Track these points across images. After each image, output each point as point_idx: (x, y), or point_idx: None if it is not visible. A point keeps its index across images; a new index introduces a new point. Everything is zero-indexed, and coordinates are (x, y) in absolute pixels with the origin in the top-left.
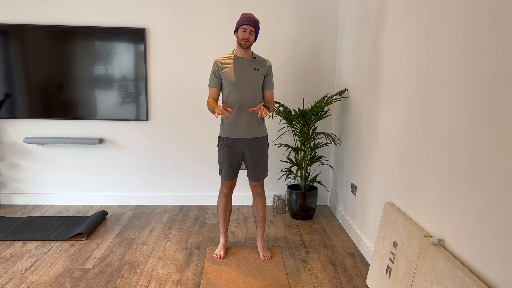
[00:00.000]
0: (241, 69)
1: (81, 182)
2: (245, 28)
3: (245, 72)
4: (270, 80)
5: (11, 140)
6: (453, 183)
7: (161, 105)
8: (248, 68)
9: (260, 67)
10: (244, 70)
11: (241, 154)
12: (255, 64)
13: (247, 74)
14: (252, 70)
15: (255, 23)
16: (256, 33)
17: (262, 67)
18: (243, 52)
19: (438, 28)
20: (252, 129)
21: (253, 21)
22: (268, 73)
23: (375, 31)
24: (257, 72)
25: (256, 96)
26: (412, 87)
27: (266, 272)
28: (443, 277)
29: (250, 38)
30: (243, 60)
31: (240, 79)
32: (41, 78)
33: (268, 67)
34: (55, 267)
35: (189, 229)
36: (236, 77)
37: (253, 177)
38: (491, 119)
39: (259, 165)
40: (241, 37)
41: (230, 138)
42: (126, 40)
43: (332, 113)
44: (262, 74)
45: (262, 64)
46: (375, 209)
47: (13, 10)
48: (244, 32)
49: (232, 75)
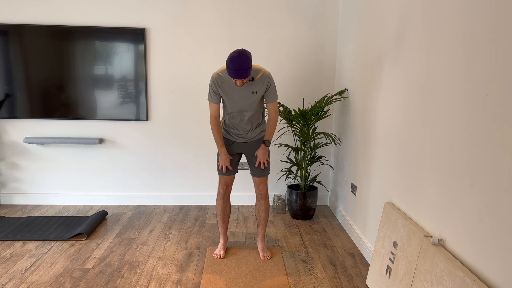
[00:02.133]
0: (238, 94)
1: (81, 182)
2: (235, 81)
3: (243, 96)
4: (270, 93)
5: (11, 140)
6: (453, 183)
7: (161, 105)
8: (246, 93)
9: (258, 89)
10: (242, 95)
11: (239, 154)
12: (253, 87)
13: (245, 98)
14: (250, 94)
15: (245, 74)
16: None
17: (260, 87)
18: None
19: (438, 28)
20: (251, 136)
21: (242, 73)
22: (267, 88)
23: (375, 31)
24: (255, 94)
25: (257, 111)
26: (412, 87)
27: (266, 272)
28: (443, 277)
29: (245, 80)
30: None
31: (238, 104)
32: (41, 78)
33: (266, 83)
34: (55, 267)
35: (189, 229)
36: (234, 103)
37: (257, 173)
38: (491, 119)
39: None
40: (234, 82)
41: (229, 140)
42: (126, 40)
43: (332, 113)
44: (261, 93)
45: (260, 84)
46: (375, 209)
47: (13, 10)
48: (235, 81)
49: (230, 101)
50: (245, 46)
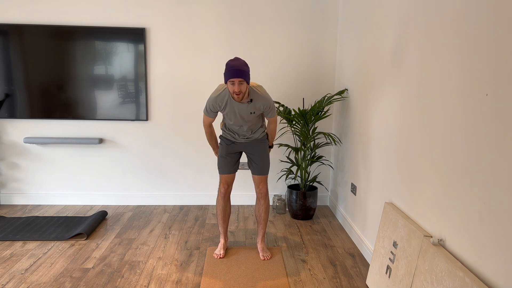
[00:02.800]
0: (237, 113)
1: (81, 182)
2: (233, 81)
3: (241, 115)
4: (269, 113)
5: (11, 140)
6: (453, 183)
7: (161, 105)
8: (244, 112)
9: (256, 109)
10: (240, 114)
11: (239, 153)
12: (251, 108)
13: (244, 116)
14: (249, 114)
15: (242, 73)
16: (246, 79)
17: (258, 109)
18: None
19: (438, 28)
20: (250, 135)
21: (239, 71)
22: (265, 109)
23: (375, 31)
24: (253, 114)
25: (256, 123)
26: (412, 87)
27: (266, 272)
28: (443, 277)
29: (242, 89)
30: (239, 105)
31: (237, 121)
32: (41, 78)
33: (264, 106)
34: (55, 267)
35: (189, 229)
36: (233, 119)
37: (257, 171)
38: (491, 119)
39: (261, 159)
40: (232, 91)
41: (230, 139)
42: (126, 40)
43: (332, 113)
44: (259, 113)
45: (258, 105)
46: (375, 209)
47: (13, 10)
48: (233, 85)
49: (229, 117)
50: (245, 45)
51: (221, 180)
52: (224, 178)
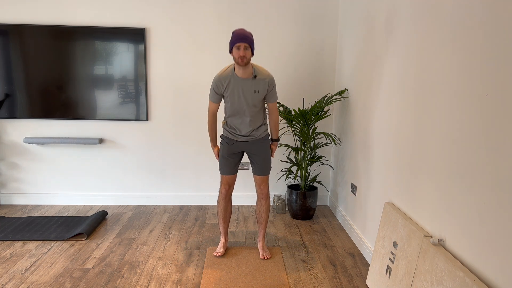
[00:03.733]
0: (240, 93)
1: (81, 182)
2: (238, 46)
3: (245, 95)
4: (272, 94)
5: (11, 140)
6: (453, 183)
7: (161, 105)
8: (248, 91)
9: (260, 88)
10: (244, 93)
11: (241, 153)
12: (255, 85)
13: (247, 97)
14: (252, 93)
15: (248, 38)
16: (251, 48)
17: (262, 87)
18: (243, 71)
19: (438, 28)
20: (252, 133)
21: (245, 36)
22: (269, 89)
23: (375, 31)
24: (257, 94)
25: (258, 110)
26: (412, 87)
27: (266, 272)
28: (443, 277)
29: (246, 54)
30: (243, 81)
31: (239, 104)
32: (41, 78)
33: (268, 84)
34: (55, 267)
35: (189, 229)
36: (236, 102)
37: (259, 171)
38: (491, 119)
39: (263, 159)
40: (237, 55)
41: (231, 139)
42: (126, 40)
43: (332, 113)
44: (262, 93)
45: (262, 83)
46: (375, 209)
47: (13, 10)
48: (238, 50)
49: (232, 99)
50: None
51: (222, 181)
52: (225, 179)
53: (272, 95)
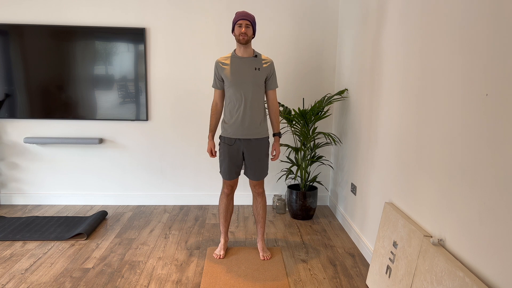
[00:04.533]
0: (240, 68)
1: (81, 182)
2: (240, 24)
3: (244, 71)
4: (272, 79)
5: (11, 140)
6: (453, 183)
7: (161, 105)
8: (247, 67)
9: (260, 66)
10: (243, 69)
11: (242, 154)
12: (255, 63)
13: (247, 73)
14: (253, 70)
15: (249, 16)
16: (253, 27)
17: (263, 66)
18: (243, 50)
19: (438, 28)
20: (253, 129)
21: (246, 14)
22: (270, 72)
23: (375, 31)
24: (257, 71)
25: (258, 96)
26: (412, 87)
27: (266, 272)
28: (443, 277)
29: (248, 32)
30: (243, 59)
31: (239, 78)
32: (41, 78)
33: (270, 66)
34: (55, 267)
35: (189, 229)
36: (235, 76)
37: (253, 176)
38: (491, 119)
39: (259, 165)
40: (238, 32)
41: (231, 138)
42: (126, 40)
43: (332, 113)
44: (263, 74)
45: (263, 63)
46: (375, 209)
47: (13, 10)
48: (240, 27)
49: (231, 74)
50: None
51: (225, 184)
52: (228, 183)
53: (273, 81)
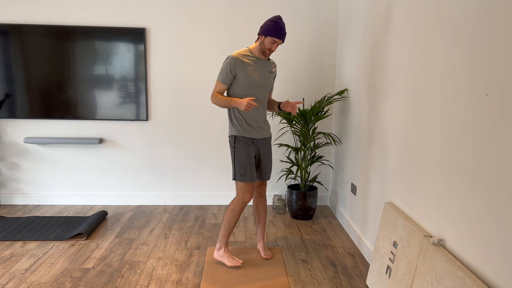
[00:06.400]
0: (262, 71)
1: (81, 182)
2: (275, 41)
3: (265, 75)
4: (274, 81)
5: (11, 140)
6: (453, 183)
7: (161, 105)
8: (266, 71)
9: (272, 69)
10: (264, 73)
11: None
12: (270, 66)
13: (267, 76)
14: (268, 73)
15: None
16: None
17: (273, 69)
18: (259, 53)
19: (438, 28)
20: (264, 129)
21: (285, 36)
22: (275, 70)
23: (375, 31)
24: (271, 74)
25: (267, 96)
26: (412, 87)
27: (266, 272)
28: (443, 277)
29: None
30: (263, 62)
31: (262, 81)
32: (41, 78)
33: (276, 69)
34: (55, 267)
35: (189, 229)
36: (260, 79)
37: (265, 176)
38: (491, 119)
39: (270, 163)
40: (268, 47)
41: (249, 138)
42: (126, 40)
43: (332, 113)
44: (273, 76)
45: (273, 66)
46: (375, 209)
47: (13, 10)
48: (273, 44)
49: (256, 76)
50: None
51: (246, 189)
52: (251, 186)
53: (274, 81)
